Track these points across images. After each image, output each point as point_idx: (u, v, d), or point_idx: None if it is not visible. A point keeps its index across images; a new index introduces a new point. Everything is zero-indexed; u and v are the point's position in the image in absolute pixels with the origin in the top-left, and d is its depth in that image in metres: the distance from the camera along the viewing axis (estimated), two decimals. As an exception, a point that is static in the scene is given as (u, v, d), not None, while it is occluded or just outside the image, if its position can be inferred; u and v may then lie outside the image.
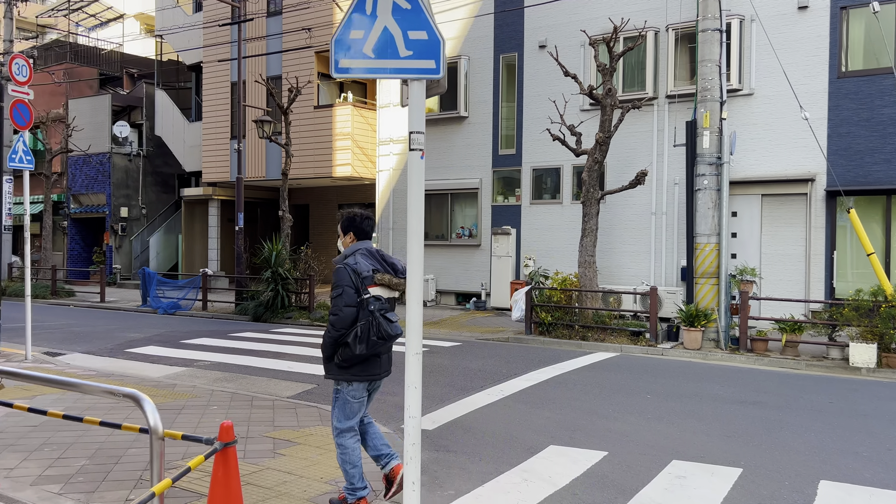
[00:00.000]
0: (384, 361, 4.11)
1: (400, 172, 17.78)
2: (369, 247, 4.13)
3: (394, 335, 3.91)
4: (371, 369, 4.02)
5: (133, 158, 24.39)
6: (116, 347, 10.87)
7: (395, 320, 3.94)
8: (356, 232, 4.14)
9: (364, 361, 3.97)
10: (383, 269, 4.02)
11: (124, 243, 24.14)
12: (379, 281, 3.95)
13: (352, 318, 3.89)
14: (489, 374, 8.90)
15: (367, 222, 4.17)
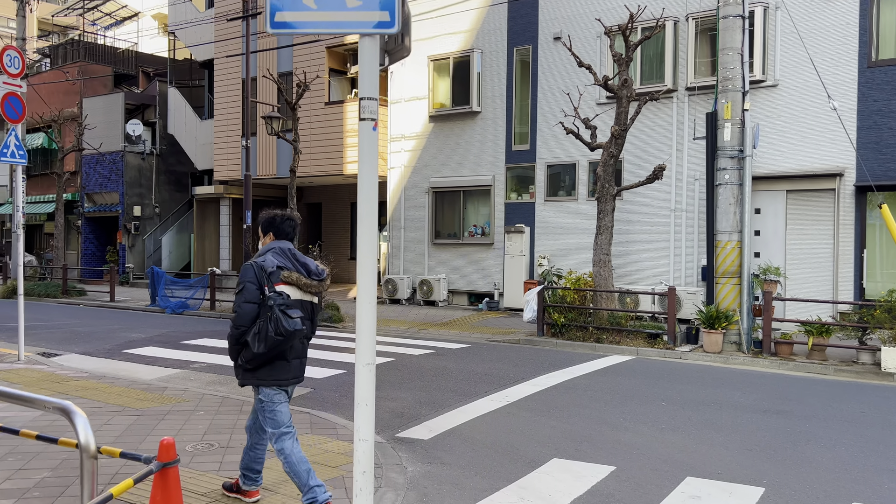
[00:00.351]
0: (294, 367, 3.94)
1: (411, 170, 17.38)
2: (284, 246, 3.98)
3: (292, 331, 3.72)
4: (279, 374, 3.87)
5: (146, 157, 24.26)
6: (115, 348, 10.58)
7: (295, 316, 3.75)
8: (275, 232, 4.05)
9: (270, 364, 3.83)
10: (294, 269, 3.88)
11: (137, 242, 24.02)
12: (286, 279, 3.83)
13: (252, 315, 3.77)
14: (495, 378, 8.44)
15: (287, 223, 4.07)
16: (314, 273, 3.94)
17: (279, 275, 3.82)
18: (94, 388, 7.52)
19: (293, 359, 3.92)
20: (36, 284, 19.56)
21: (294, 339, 3.77)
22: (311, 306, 4.03)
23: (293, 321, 3.72)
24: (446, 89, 16.79)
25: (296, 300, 3.88)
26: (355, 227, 16.95)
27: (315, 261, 4.11)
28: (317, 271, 3.95)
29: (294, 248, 4.04)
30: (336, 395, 7.58)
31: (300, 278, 3.87)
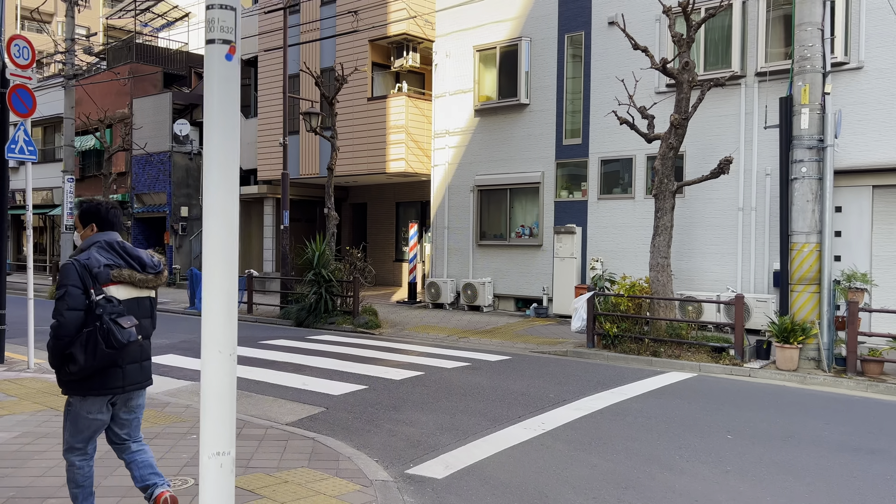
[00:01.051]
0: (130, 372, 3.51)
1: (456, 167, 16.48)
2: (111, 238, 3.53)
3: (125, 343, 3.33)
4: (111, 382, 3.44)
5: (193, 157, 24.12)
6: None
7: (128, 325, 3.35)
8: (99, 223, 3.59)
9: (102, 373, 3.39)
10: (126, 265, 3.47)
11: (184, 243, 23.90)
12: (116, 278, 3.41)
13: (76, 323, 3.29)
14: (533, 398, 7.45)
15: (113, 212, 3.63)
16: (149, 266, 3.57)
17: (108, 274, 3.40)
18: (91, 403, 6.89)
19: (128, 364, 3.50)
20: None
21: (129, 348, 3.37)
22: (150, 302, 3.65)
23: (126, 332, 3.31)
24: (492, 81, 15.83)
25: (130, 300, 3.50)
26: (400, 228, 16.09)
27: (149, 251, 3.68)
28: (152, 264, 3.58)
29: (122, 239, 3.59)
30: (350, 416, 6.73)
31: (133, 275, 3.48)
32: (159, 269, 3.62)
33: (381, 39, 17.99)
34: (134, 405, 3.65)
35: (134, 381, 3.55)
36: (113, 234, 3.59)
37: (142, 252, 3.62)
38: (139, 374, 3.58)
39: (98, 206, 3.62)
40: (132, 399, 3.62)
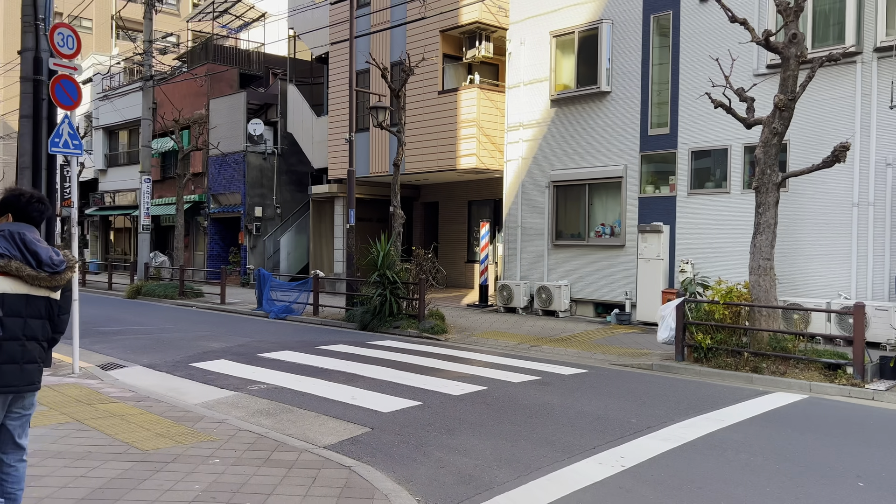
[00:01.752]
0: (8, 373, 3.29)
1: (529, 162, 15.43)
2: (17, 229, 3.34)
3: None
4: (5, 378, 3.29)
5: (267, 157, 24.04)
6: (185, 360, 9.56)
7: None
8: (15, 213, 3.45)
9: None
10: (21, 258, 3.30)
11: (258, 243, 23.84)
12: (3, 269, 3.26)
13: None
14: (611, 423, 6.38)
15: (35, 205, 3.48)
16: (48, 264, 3.35)
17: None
18: (122, 416, 6.33)
19: (3, 363, 3.29)
20: (157, 285, 19.63)
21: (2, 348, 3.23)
22: (47, 303, 3.43)
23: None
24: (570, 68, 14.69)
25: (17, 295, 3.31)
26: (472, 228, 15.20)
27: (57, 249, 3.49)
28: (50, 262, 3.36)
29: (34, 233, 3.42)
30: (396, 439, 5.87)
31: (22, 269, 3.29)
32: (59, 268, 3.38)
33: (453, 29, 17.15)
34: (14, 409, 3.41)
35: (8, 384, 3.31)
36: (26, 226, 3.42)
37: (42, 248, 3.38)
38: (17, 377, 3.33)
39: (18, 197, 3.47)
40: (11, 402, 3.39)
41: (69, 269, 3.45)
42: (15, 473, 3.46)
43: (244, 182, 23.63)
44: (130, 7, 27.97)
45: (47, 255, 3.37)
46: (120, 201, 30.83)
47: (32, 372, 3.39)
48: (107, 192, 31.97)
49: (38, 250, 3.35)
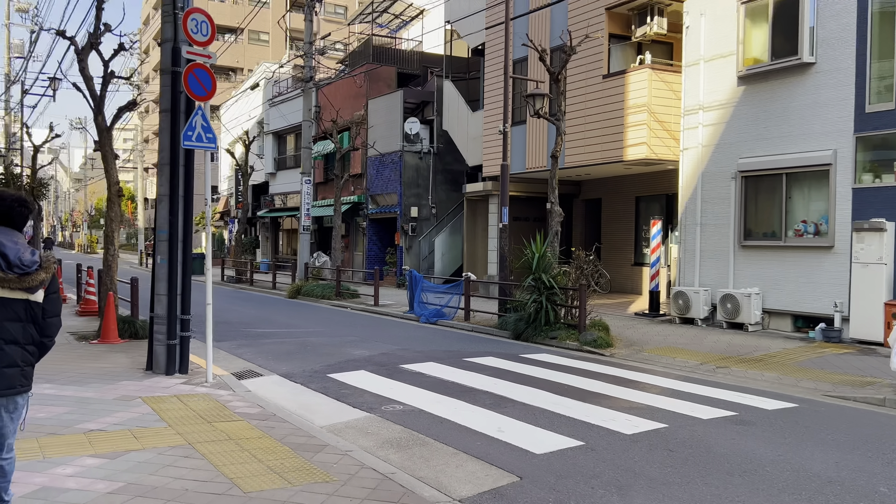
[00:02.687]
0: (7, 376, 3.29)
1: (712, 149, 13.36)
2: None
3: None
4: None
5: (423, 156, 23.54)
6: (323, 370, 8.84)
7: None
8: None
9: None
10: None
11: (414, 244, 23.39)
12: None
13: None
14: (851, 494, 4.61)
15: (18, 209, 3.40)
16: (15, 265, 3.26)
17: None
18: (238, 440, 5.56)
19: None
20: (316, 285, 19.67)
21: None
22: (27, 305, 3.35)
23: None
24: (762, 39, 12.48)
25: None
26: (640, 226, 13.37)
27: (30, 248, 3.36)
28: (19, 262, 3.26)
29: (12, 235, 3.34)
30: (552, 497, 4.55)
31: None
32: (29, 268, 3.30)
33: (620, 5, 15.41)
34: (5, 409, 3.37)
35: (8, 385, 3.31)
36: (5, 229, 3.37)
37: (12, 249, 3.30)
38: (18, 380, 3.34)
39: (2, 198, 3.40)
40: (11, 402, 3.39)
41: (42, 270, 3.34)
42: (2, 468, 3.44)
43: (400, 182, 23.29)
44: (301, 20, 28.93)
45: (16, 256, 3.27)
46: (289, 203, 32.00)
47: (11, 376, 3.34)
48: (276, 195, 33.35)
49: (6, 251, 3.27)
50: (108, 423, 5.89)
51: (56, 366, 8.36)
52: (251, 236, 36.37)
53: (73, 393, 6.96)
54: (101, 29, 11.02)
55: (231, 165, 39.12)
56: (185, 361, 8.17)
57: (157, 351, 8.14)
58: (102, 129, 10.99)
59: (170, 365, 8.03)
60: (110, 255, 11.10)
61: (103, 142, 11.01)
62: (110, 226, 11.17)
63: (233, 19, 49.72)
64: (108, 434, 5.59)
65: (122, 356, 9.18)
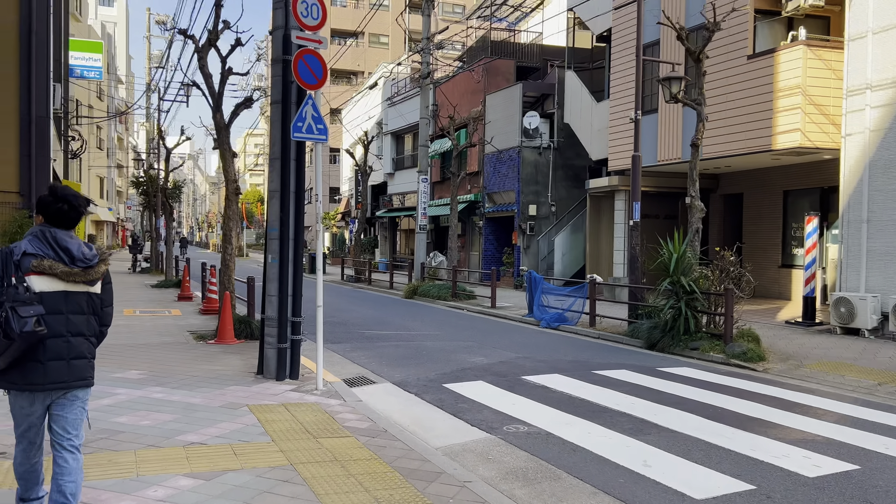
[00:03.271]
0: (53, 369, 3.32)
1: (882, 134, 11.55)
2: (51, 230, 3.36)
3: (20, 334, 3.14)
4: (30, 377, 3.30)
5: (543, 151, 22.52)
6: (439, 378, 8.16)
7: (26, 315, 3.16)
8: (46, 215, 3.39)
9: (20, 366, 3.28)
10: (54, 256, 3.32)
11: (532, 243, 22.43)
12: (37, 268, 3.28)
13: None
14: None
15: (62, 205, 3.39)
16: (78, 259, 3.36)
17: (29, 263, 3.28)
18: (344, 461, 4.96)
19: (50, 360, 3.32)
20: (432, 285, 19.19)
21: (30, 341, 3.21)
22: (88, 297, 3.46)
23: (23, 321, 3.16)
24: (950, 2, 10.59)
25: (56, 292, 3.34)
26: (788, 224, 11.63)
27: (89, 243, 3.51)
28: (82, 256, 3.37)
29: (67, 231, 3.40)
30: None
31: (55, 266, 3.32)
32: (91, 262, 3.40)
33: (767, -23, 13.78)
34: (66, 406, 3.43)
35: (57, 380, 3.35)
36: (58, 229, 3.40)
37: (73, 243, 3.36)
38: (65, 373, 3.37)
39: (48, 195, 3.42)
40: (63, 399, 3.42)
41: (102, 262, 3.44)
42: (66, 465, 3.40)
43: (518, 179, 22.41)
44: (420, 21, 28.73)
45: (78, 250, 3.37)
46: (406, 203, 31.95)
47: (79, 368, 3.42)
48: (395, 195, 33.42)
49: (69, 246, 3.36)
50: (210, 436, 5.46)
51: (170, 367, 8.20)
52: (370, 236, 36.73)
53: (180, 398, 6.65)
54: (220, 26, 10.94)
55: (351, 167, 39.78)
56: (295, 366, 7.74)
57: (267, 355, 7.76)
58: (220, 127, 10.90)
59: (280, 370, 7.62)
60: (227, 254, 11.00)
61: (221, 140, 10.92)
62: (228, 224, 11.07)
63: (353, 23, 50.64)
64: (208, 449, 5.14)
65: (235, 358, 8.93)
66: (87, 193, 38.26)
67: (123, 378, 7.47)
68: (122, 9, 70.07)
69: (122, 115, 42.08)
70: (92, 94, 40.49)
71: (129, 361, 8.45)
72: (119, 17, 69.46)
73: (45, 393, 3.36)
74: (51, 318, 3.30)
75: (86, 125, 35.24)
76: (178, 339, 10.45)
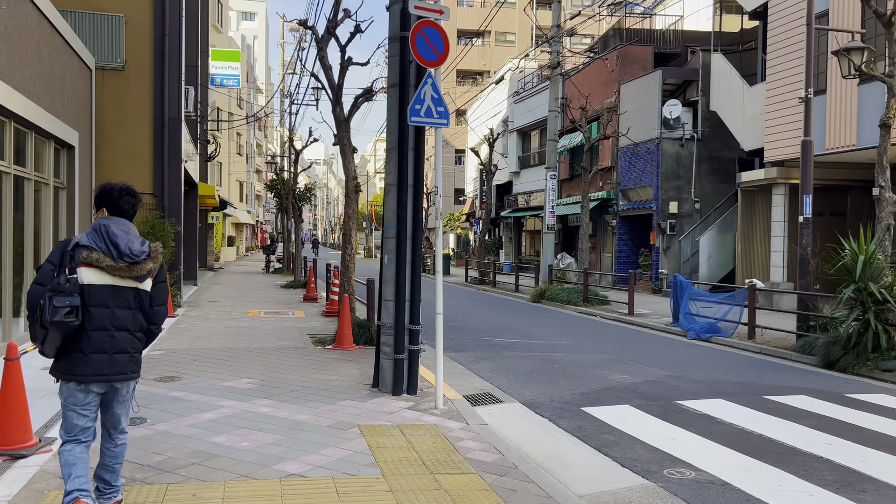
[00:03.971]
0: (95, 361, 3.37)
1: None
2: (107, 222, 3.42)
3: (52, 322, 3.19)
4: (74, 368, 3.36)
5: (685, 143, 20.60)
6: (576, 399, 7.03)
7: (59, 305, 3.19)
8: (109, 207, 3.50)
9: (67, 356, 3.37)
10: (104, 249, 3.34)
11: (672, 244, 20.57)
12: (85, 260, 3.32)
13: (36, 299, 3.29)
14: None
15: (125, 198, 3.51)
16: (127, 254, 3.36)
17: (80, 255, 3.33)
18: (465, 508, 3.99)
19: (92, 353, 3.37)
20: (560, 289, 17.96)
21: (63, 331, 3.25)
22: (136, 293, 3.47)
23: (56, 310, 3.19)
24: None
25: (104, 286, 3.38)
26: None
27: (140, 238, 3.46)
28: (129, 252, 3.37)
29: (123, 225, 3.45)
30: None
31: (101, 259, 3.33)
32: (139, 258, 3.39)
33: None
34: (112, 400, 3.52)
35: (98, 373, 3.38)
36: (116, 219, 3.47)
37: (123, 238, 3.39)
38: (106, 366, 3.40)
39: (109, 191, 3.51)
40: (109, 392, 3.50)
41: (149, 260, 3.42)
42: (115, 449, 3.59)
43: (657, 174, 20.63)
44: (547, 17, 27.54)
45: (126, 246, 3.36)
46: (532, 202, 30.80)
47: (121, 362, 3.43)
48: (520, 194, 32.34)
49: (118, 241, 3.36)
50: (313, 465, 4.68)
51: (283, 375, 7.62)
52: (494, 237, 35.84)
53: (287, 414, 5.97)
54: (339, 15, 10.37)
55: (476, 167, 39.12)
56: (413, 380, 6.90)
57: (383, 366, 6.97)
58: (340, 121, 10.33)
59: (396, 384, 6.81)
60: (347, 254, 10.41)
61: (341, 134, 10.35)
62: (347, 223, 10.49)
63: (478, 23, 50.10)
64: (307, 483, 4.34)
65: (351, 367, 8.25)
66: (228, 197, 40.13)
67: (232, 388, 6.94)
68: (262, 22, 73.74)
69: (255, 117, 43.79)
70: (232, 102, 42.47)
71: (242, 368, 7.98)
72: (259, 30, 73.17)
73: (89, 384, 3.41)
74: (95, 311, 3.35)
75: (225, 130, 36.89)
76: (296, 343, 9.97)
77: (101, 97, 13.63)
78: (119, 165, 13.81)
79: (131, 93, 13.88)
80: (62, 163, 11.42)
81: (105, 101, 13.70)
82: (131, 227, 3.48)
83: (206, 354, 8.81)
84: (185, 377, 7.40)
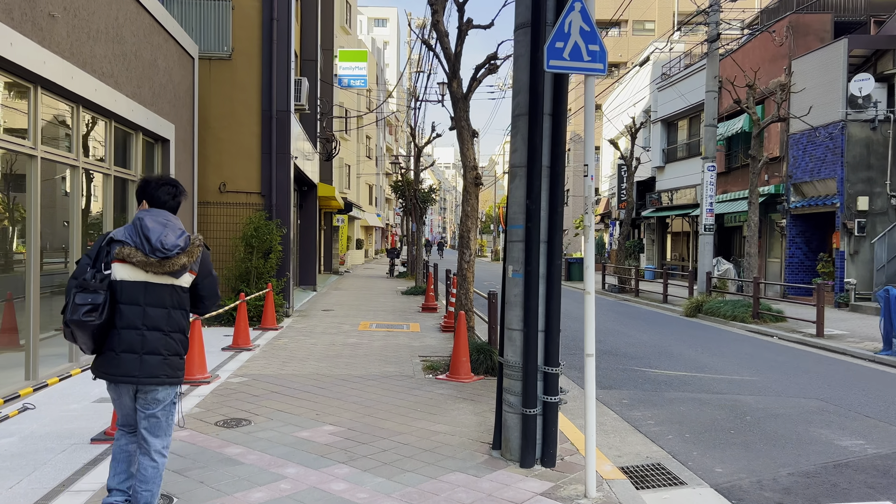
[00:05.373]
0: (125, 361, 3.20)
1: None
2: (144, 215, 3.27)
3: (70, 320, 3.07)
4: (106, 366, 3.24)
5: (878, 125, 16.97)
6: (798, 488, 4.66)
7: (81, 303, 3.06)
8: (149, 200, 3.37)
9: (102, 354, 3.25)
10: (138, 244, 3.18)
11: (862, 248, 16.99)
12: (118, 256, 3.20)
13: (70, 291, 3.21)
14: None
15: (163, 189, 3.37)
16: (159, 249, 3.16)
17: (114, 249, 3.22)
18: None
19: (122, 352, 3.21)
20: (721, 301, 15.10)
21: (85, 330, 3.10)
22: (172, 291, 3.28)
23: (76, 308, 3.06)
24: None
25: (136, 282, 3.21)
26: None
27: (179, 231, 3.26)
28: (160, 246, 3.16)
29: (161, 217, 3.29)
30: None
31: (134, 254, 3.17)
32: (167, 253, 3.17)
33: None
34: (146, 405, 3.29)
35: (128, 373, 3.22)
36: (156, 211, 3.33)
37: (155, 231, 3.20)
38: (135, 367, 3.21)
39: (147, 182, 3.40)
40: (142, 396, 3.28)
41: (184, 254, 3.21)
42: (143, 472, 3.29)
43: (841, 163, 17.14)
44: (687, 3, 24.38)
45: (157, 239, 3.17)
46: (677, 200, 27.59)
47: (152, 364, 3.23)
48: (664, 192, 29.15)
49: (149, 235, 3.18)
50: None
51: (378, 420, 5.80)
52: (634, 239, 32.76)
53: (368, 497, 4.11)
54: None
55: (611, 163, 36.13)
56: (549, 445, 4.81)
57: (507, 422, 4.96)
58: (458, 99, 8.45)
59: (526, 450, 4.77)
60: (465, 261, 8.48)
61: (458, 114, 8.46)
62: (465, 223, 8.58)
63: (614, 12, 46.87)
64: None
65: (466, 410, 6.29)
66: (357, 200, 39.72)
67: (308, 440, 5.21)
68: (393, 28, 74.16)
69: (378, 111, 43.17)
70: (362, 103, 42.13)
71: (330, 406, 6.26)
72: (391, 36, 73.60)
73: (118, 385, 3.26)
74: (126, 308, 3.19)
75: (354, 131, 36.38)
76: (403, 369, 8.18)
77: (206, 88, 12.63)
78: (225, 162, 12.76)
79: (238, 83, 12.79)
80: (156, 157, 10.37)
81: (210, 92, 12.68)
82: (171, 219, 3.31)
83: (293, 384, 7.21)
84: (256, 420, 5.78)
